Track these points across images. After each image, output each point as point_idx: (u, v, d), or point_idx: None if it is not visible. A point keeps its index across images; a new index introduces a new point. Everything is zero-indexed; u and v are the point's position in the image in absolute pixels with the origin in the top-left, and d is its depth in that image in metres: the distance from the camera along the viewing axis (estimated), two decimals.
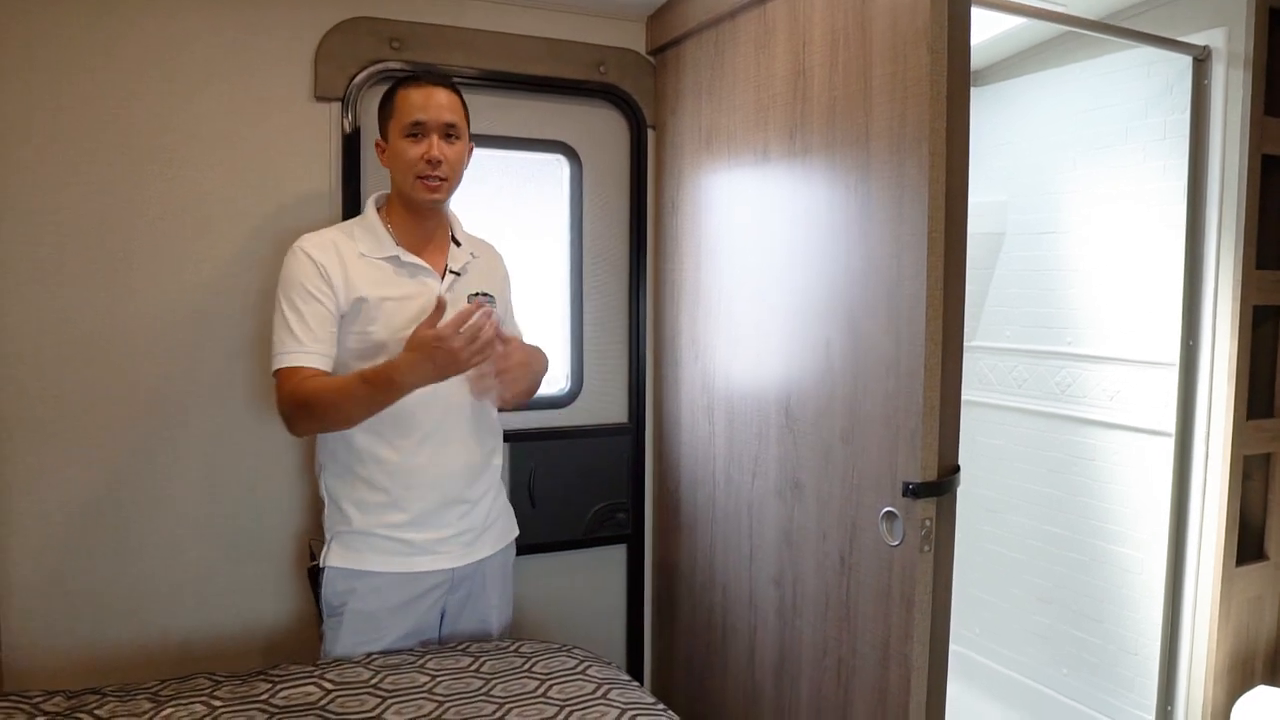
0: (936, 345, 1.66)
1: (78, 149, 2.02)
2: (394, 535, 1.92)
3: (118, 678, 2.08)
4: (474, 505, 2.00)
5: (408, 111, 1.85)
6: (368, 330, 1.86)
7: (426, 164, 1.85)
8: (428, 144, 1.85)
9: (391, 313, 1.87)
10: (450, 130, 1.87)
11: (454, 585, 2.01)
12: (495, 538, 2.08)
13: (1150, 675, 2.61)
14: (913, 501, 1.68)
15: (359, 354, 1.86)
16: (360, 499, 1.92)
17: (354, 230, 1.93)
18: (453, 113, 1.88)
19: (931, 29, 1.60)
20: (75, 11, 2.00)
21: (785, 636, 2.10)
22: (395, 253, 1.90)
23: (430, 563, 1.95)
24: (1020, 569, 3.13)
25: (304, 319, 1.81)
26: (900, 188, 1.69)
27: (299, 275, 1.83)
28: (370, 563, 1.92)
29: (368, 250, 1.89)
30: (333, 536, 1.95)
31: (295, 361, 1.80)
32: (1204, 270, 2.46)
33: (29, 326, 2.01)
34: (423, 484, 1.93)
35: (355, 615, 1.92)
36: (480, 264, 2.05)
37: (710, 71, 2.32)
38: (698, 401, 2.45)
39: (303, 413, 1.79)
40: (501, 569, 2.12)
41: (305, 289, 1.82)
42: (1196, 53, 2.42)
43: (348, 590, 1.92)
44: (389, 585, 1.93)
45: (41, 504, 2.05)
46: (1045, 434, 3.03)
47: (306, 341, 1.81)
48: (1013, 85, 3.09)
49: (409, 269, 1.91)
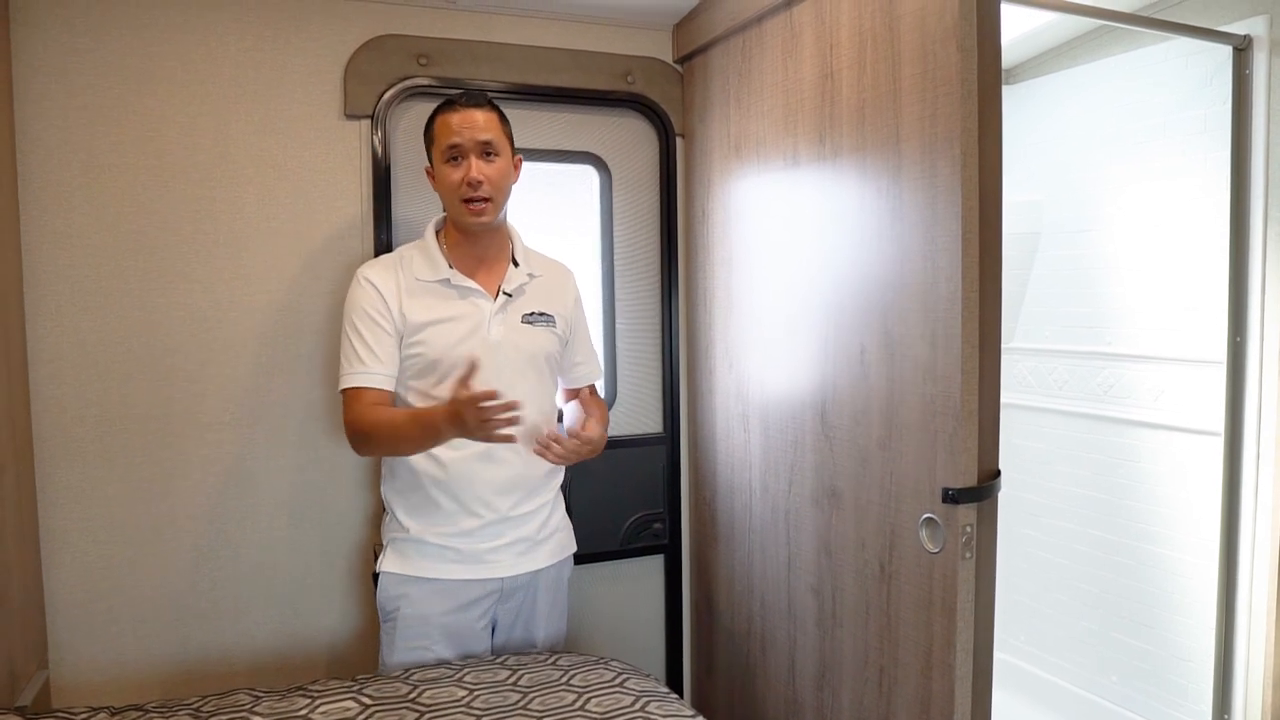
0: (973, 348, 1.63)
1: (112, 171, 2.06)
2: (445, 543, 1.95)
3: (160, 693, 2.11)
4: (528, 518, 2.01)
5: (445, 136, 1.89)
6: (419, 352, 1.91)
7: (467, 186, 1.88)
8: (466, 166, 1.88)
9: (441, 334, 1.91)
10: (488, 148, 1.89)
11: (505, 595, 2.02)
12: (551, 551, 2.08)
13: (1205, 682, 2.54)
14: (953, 507, 1.64)
15: (415, 372, 1.93)
16: (414, 507, 1.97)
17: (413, 255, 1.98)
18: (488, 130, 1.90)
19: (961, 27, 1.58)
20: (109, 37, 2.04)
21: (825, 646, 2.07)
22: (447, 275, 1.94)
23: (481, 571, 1.97)
24: (1066, 574, 3.07)
25: (366, 342, 1.89)
26: (933, 189, 1.66)
27: (361, 301, 1.91)
28: (421, 569, 1.96)
29: (422, 274, 1.94)
30: (389, 543, 2.01)
31: (359, 382, 1.89)
32: (1250, 264, 2.40)
33: (66, 347, 2.05)
34: (476, 495, 1.95)
35: (407, 620, 1.96)
36: (542, 284, 2.06)
37: (738, 78, 2.31)
38: (732, 410, 2.43)
39: (364, 440, 1.89)
40: (555, 583, 2.12)
41: (367, 313, 1.90)
42: (1236, 42, 2.36)
43: (400, 595, 1.96)
44: (439, 591, 1.96)
45: (84, 522, 2.08)
46: (1088, 436, 2.96)
47: (369, 363, 1.89)
48: (1046, 82, 3.04)
49: (459, 290, 1.95)
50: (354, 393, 1.89)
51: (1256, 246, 2.38)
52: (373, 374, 1.89)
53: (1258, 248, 2.38)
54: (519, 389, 1.93)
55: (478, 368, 1.75)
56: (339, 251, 2.24)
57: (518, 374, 1.96)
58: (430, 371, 1.92)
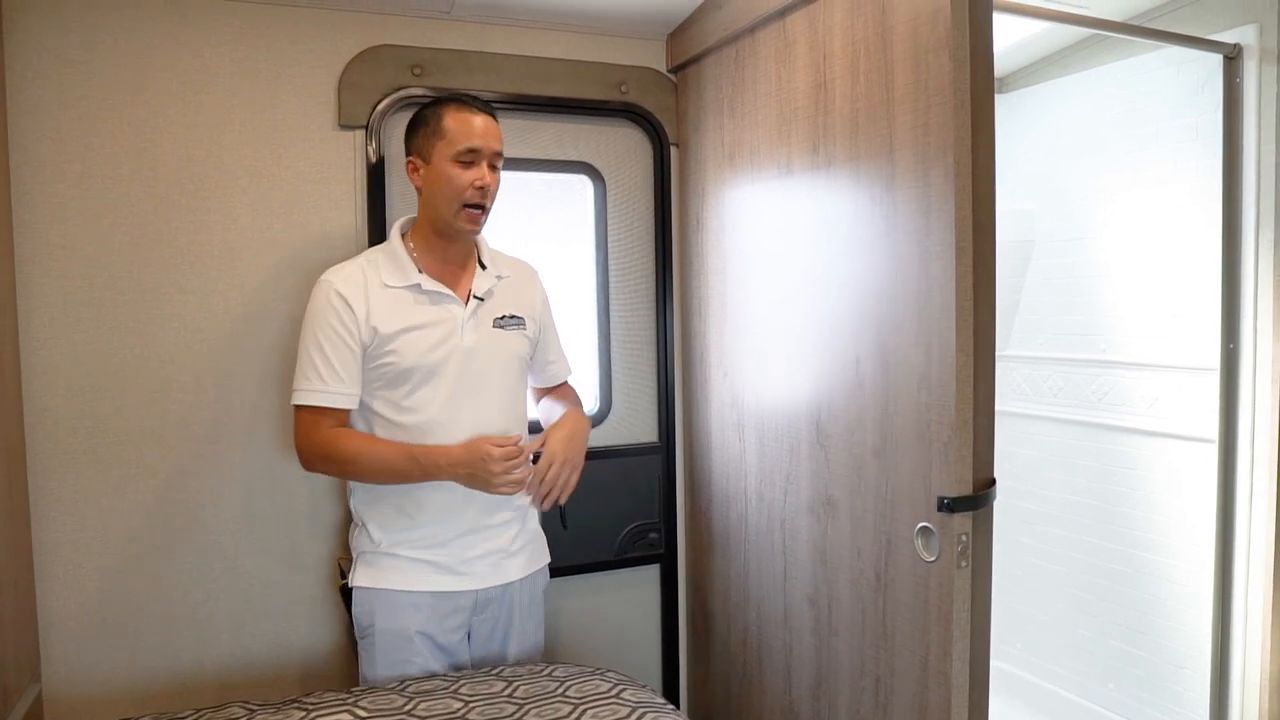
0: (967, 356, 1.63)
1: (106, 182, 2.06)
2: (417, 556, 1.93)
3: (154, 707, 2.09)
4: (499, 530, 1.99)
5: (464, 136, 1.83)
6: (390, 361, 1.86)
7: (478, 191, 1.85)
8: (480, 171, 1.84)
9: (414, 342, 1.87)
10: (497, 160, 1.88)
11: (479, 607, 2.00)
12: (524, 563, 2.05)
13: (1201, 689, 2.54)
14: (948, 516, 1.64)
15: (386, 382, 1.88)
16: (384, 520, 1.93)
17: (379, 259, 1.92)
18: (500, 141, 1.89)
19: (953, 36, 1.59)
20: (103, 47, 2.03)
21: (822, 655, 2.07)
22: (417, 280, 1.89)
23: (455, 583, 1.95)
24: (1062, 582, 3.07)
25: (329, 359, 1.83)
26: (926, 198, 1.67)
27: (326, 313, 1.85)
28: (394, 582, 1.93)
29: (391, 280, 1.89)
30: (359, 556, 1.97)
31: (319, 401, 1.84)
32: (1242, 271, 2.41)
33: (59, 357, 2.04)
34: (446, 508, 1.92)
35: (384, 635, 1.93)
36: (510, 285, 2.03)
37: (731, 87, 2.31)
38: (727, 419, 2.43)
39: (329, 463, 1.87)
40: (531, 598, 2.09)
41: (332, 327, 1.84)
42: (1227, 51, 2.37)
43: (374, 610, 1.93)
44: (413, 604, 1.93)
45: (77, 534, 2.07)
46: (1083, 443, 2.97)
47: (331, 382, 1.84)
48: (1038, 91, 3.05)
49: (431, 296, 1.90)
50: (311, 412, 1.84)
51: (1248, 254, 2.39)
52: (335, 394, 1.84)
53: (1250, 255, 2.38)
54: (492, 394, 1.95)
55: (523, 450, 1.84)
56: (333, 262, 2.21)
57: (491, 379, 1.94)
58: (403, 380, 1.87)
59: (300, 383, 1.85)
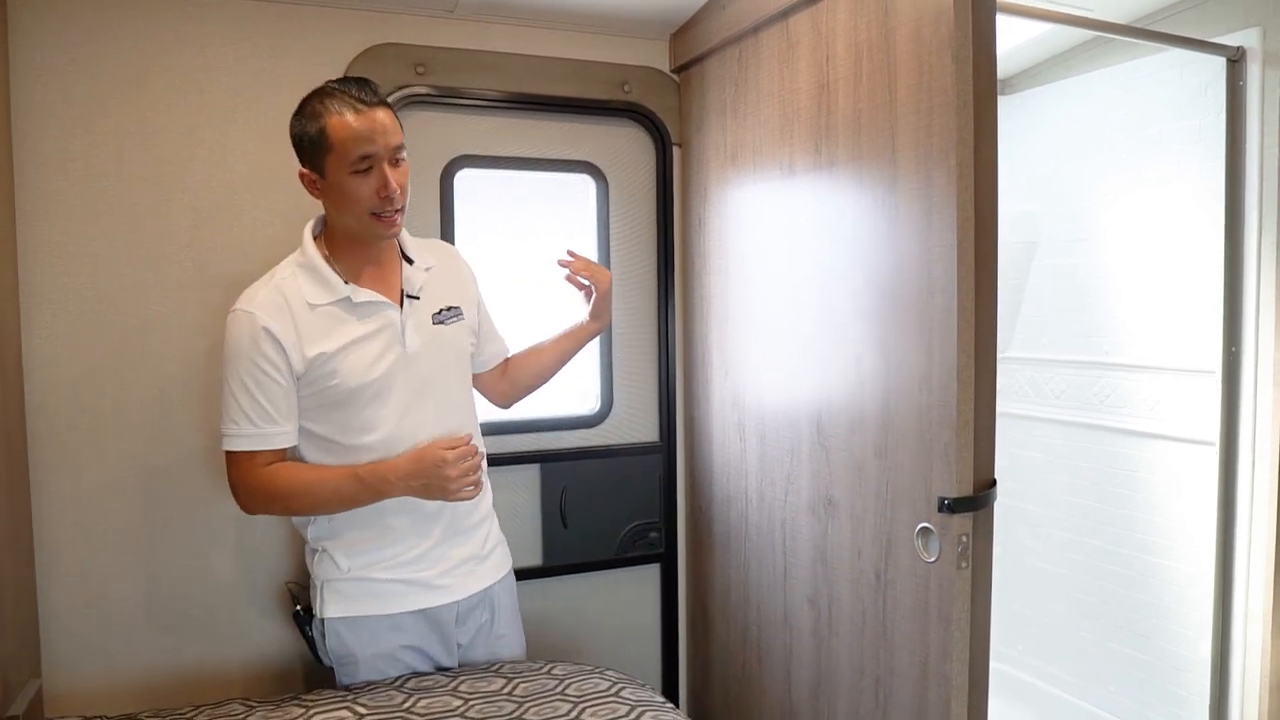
0: (969, 357, 1.63)
1: (109, 181, 2.06)
2: (391, 576, 1.83)
3: (154, 702, 2.09)
4: (471, 533, 1.93)
5: (353, 144, 1.63)
6: (333, 385, 1.73)
7: (384, 201, 1.67)
8: (380, 176, 1.66)
9: (355, 359, 1.73)
10: (398, 152, 1.69)
11: (461, 618, 1.94)
12: (497, 564, 2.00)
13: (1202, 691, 2.54)
14: (948, 517, 1.64)
15: (331, 404, 1.76)
16: (350, 544, 1.82)
17: (298, 275, 1.75)
18: (396, 132, 1.68)
19: (956, 38, 1.59)
20: (107, 47, 2.04)
21: (821, 656, 2.07)
22: (346, 294, 1.74)
23: (434, 598, 1.88)
24: (1063, 583, 3.07)
25: (256, 400, 1.69)
26: (928, 199, 1.67)
27: (248, 351, 1.68)
28: (369, 608, 1.83)
29: (316, 298, 1.73)
30: (324, 585, 1.84)
31: (250, 445, 1.71)
32: (1245, 275, 2.41)
33: (62, 355, 2.04)
34: (416, 519, 1.84)
35: (369, 660, 1.86)
36: (438, 274, 1.90)
37: (734, 87, 2.32)
38: (728, 419, 2.43)
39: (271, 503, 1.75)
40: (510, 602, 2.05)
41: (256, 365, 1.68)
42: (1230, 54, 2.37)
43: (353, 639, 1.84)
44: (394, 626, 1.86)
45: (78, 530, 2.07)
46: (1085, 445, 2.97)
47: (262, 424, 1.70)
48: (1041, 93, 3.05)
49: (363, 307, 1.76)
50: (245, 457, 1.71)
51: (1251, 257, 2.39)
52: (268, 434, 1.71)
53: (1252, 258, 2.38)
54: (444, 395, 1.86)
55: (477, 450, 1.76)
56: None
57: (440, 380, 1.85)
58: (350, 401, 1.74)
59: (229, 427, 1.71)
